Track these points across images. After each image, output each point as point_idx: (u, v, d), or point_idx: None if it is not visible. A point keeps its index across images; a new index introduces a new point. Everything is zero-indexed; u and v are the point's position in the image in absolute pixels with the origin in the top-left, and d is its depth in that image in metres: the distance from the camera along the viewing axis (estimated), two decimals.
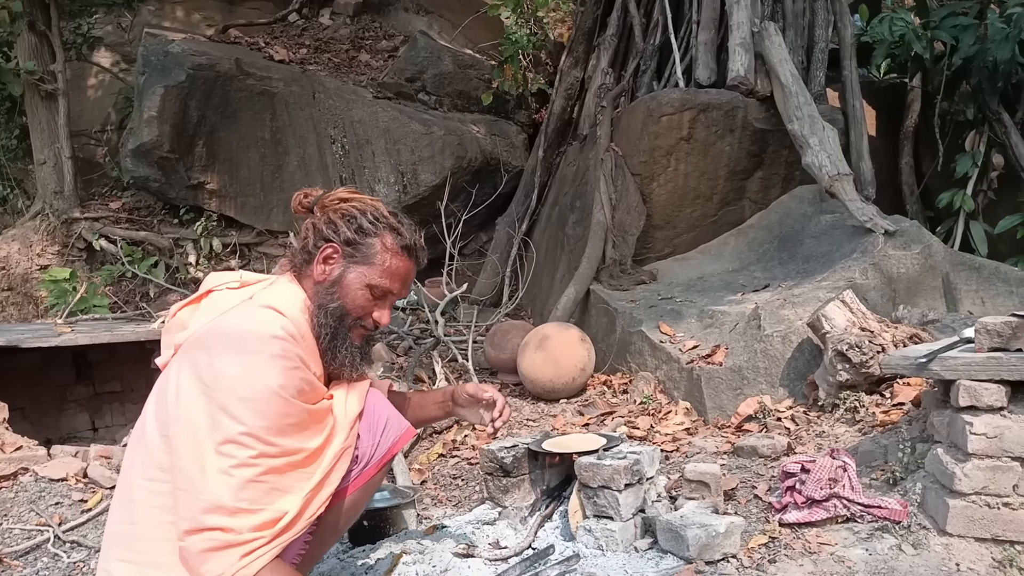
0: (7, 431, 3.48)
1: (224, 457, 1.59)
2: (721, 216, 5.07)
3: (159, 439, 1.67)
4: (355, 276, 1.84)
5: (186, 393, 1.65)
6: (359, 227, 1.86)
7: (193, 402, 1.63)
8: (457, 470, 3.21)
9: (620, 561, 2.24)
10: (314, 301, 1.85)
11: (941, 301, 3.83)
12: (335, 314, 1.83)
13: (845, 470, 2.35)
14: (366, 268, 1.85)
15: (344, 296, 1.84)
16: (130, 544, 1.67)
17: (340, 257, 1.84)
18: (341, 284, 1.84)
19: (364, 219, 1.87)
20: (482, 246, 6.50)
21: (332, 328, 1.83)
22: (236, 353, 1.65)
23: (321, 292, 1.84)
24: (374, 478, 1.96)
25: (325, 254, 1.84)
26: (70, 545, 2.66)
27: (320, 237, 1.86)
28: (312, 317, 1.84)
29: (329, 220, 1.87)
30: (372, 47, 7.35)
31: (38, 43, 6.54)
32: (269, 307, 1.76)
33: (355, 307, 1.85)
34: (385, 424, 1.94)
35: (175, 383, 1.68)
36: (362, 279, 1.84)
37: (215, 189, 6.28)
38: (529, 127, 6.90)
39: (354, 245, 1.85)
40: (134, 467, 1.73)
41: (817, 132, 4.44)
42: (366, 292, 1.85)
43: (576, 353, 3.94)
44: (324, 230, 1.86)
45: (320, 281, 1.84)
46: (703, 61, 5.09)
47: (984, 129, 5.50)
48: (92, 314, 5.28)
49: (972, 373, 2.19)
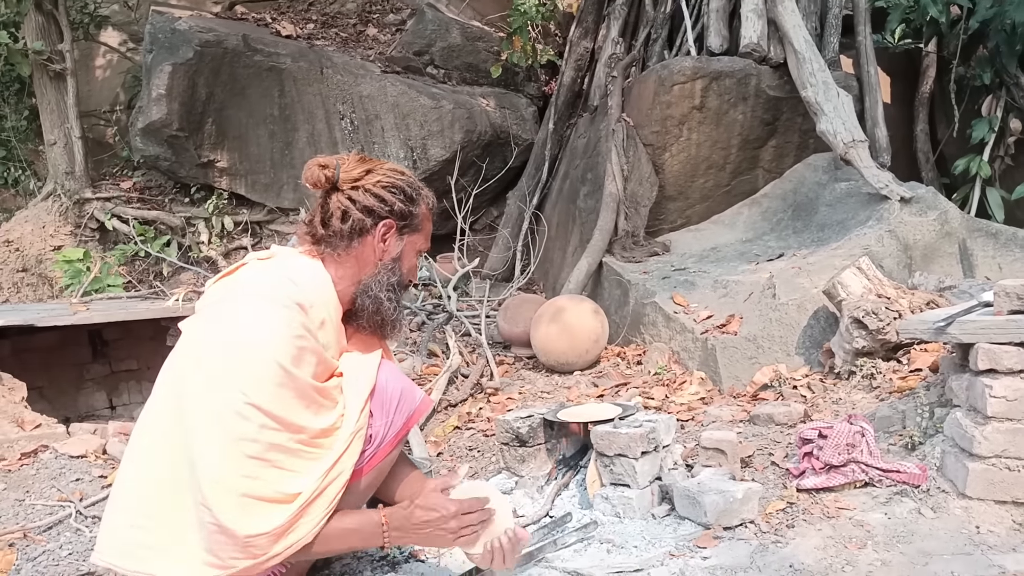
0: (26, 409, 3.52)
1: (225, 429, 1.59)
2: (734, 186, 5.03)
3: (169, 413, 1.69)
4: (410, 245, 1.87)
5: (192, 369, 1.66)
6: (407, 197, 1.84)
7: (199, 379, 1.63)
8: (473, 442, 3.22)
9: (638, 528, 2.25)
10: (364, 278, 1.83)
11: (958, 267, 3.80)
12: (400, 286, 1.86)
13: (863, 435, 2.34)
14: (416, 236, 1.88)
15: (404, 266, 1.87)
16: (143, 511, 1.68)
17: (395, 231, 1.83)
18: (402, 257, 1.86)
19: (409, 189, 1.85)
20: (493, 221, 6.47)
21: (395, 300, 1.84)
22: (241, 325, 1.65)
23: (382, 269, 1.83)
24: (389, 456, 1.90)
25: (382, 232, 1.82)
26: (91, 520, 2.69)
27: (368, 214, 1.80)
28: (356, 295, 1.83)
29: (372, 194, 1.81)
30: (379, 21, 7.29)
31: (45, 23, 6.52)
32: (285, 277, 1.74)
33: (410, 273, 1.89)
34: (399, 399, 1.88)
35: (182, 358, 1.70)
36: (414, 247, 1.88)
37: (225, 167, 6.27)
38: (539, 99, 6.85)
39: (407, 217, 1.84)
40: (145, 438, 1.73)
41: (831, 99, 4.38)
42: (415, 258, 1.90)
43: (590, 325, 3.93)
44: (372, 206, 1.80)
45: (379, 259, 1.83)
46: (715, 28, 5.02)
47: (1001, 94, 5.42)
48: (106, 293, 5.31)
49: (991, 336, 2.17)
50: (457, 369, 3.89)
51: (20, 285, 6.26)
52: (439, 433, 3.39)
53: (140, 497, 1.69)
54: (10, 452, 3.19)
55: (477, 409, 3.56)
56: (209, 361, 1.65)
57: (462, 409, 3.59)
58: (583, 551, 2.16)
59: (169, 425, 1.68)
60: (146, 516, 1.67)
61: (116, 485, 1.77)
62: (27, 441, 3.26)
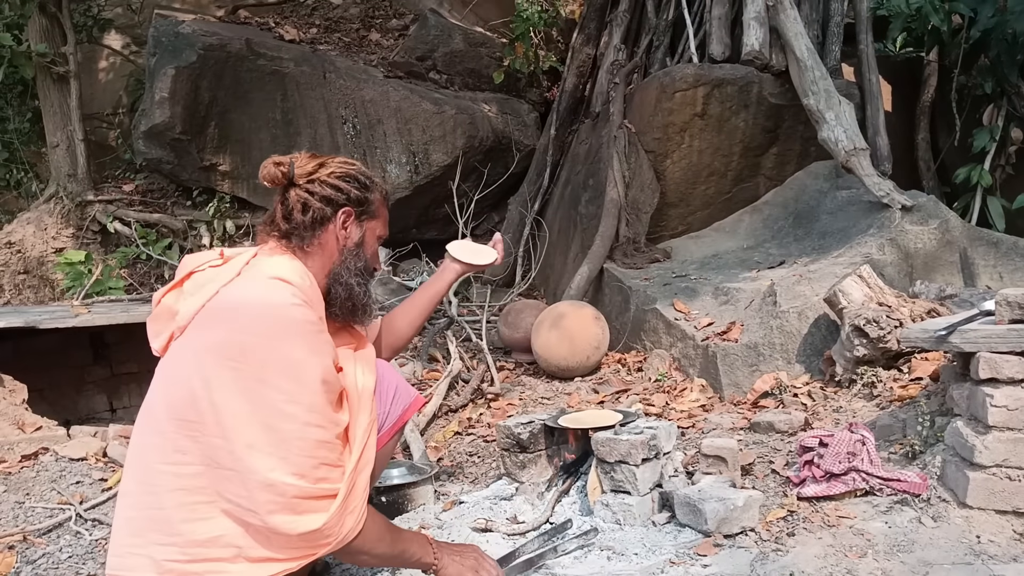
0: (27, 412, 3.52)
1: (271, 431, 1.59)
2: (736, 193, 5.04)
3: (175, 423, 1.65)
4: (370, 231, 1.95)
5: (215, 374, 1.63)
6: (361, 184, 1.92)
7: (225, 382, 1.61)
8: (473, 447, 3.22)
9: (638, 535, 2.25)
10: (332, 267, 1.88)
11: (959, 276, 3.81)
12: (365, 271, 1.91)
13: (864, 443, 2.34)
14: (375, 222, 1.96)
15: (367, 252, 1.94)
16: (167, 528, 1.63)
17: (354, 219, 1.91)
18: (364, 243, 1.93)
19: (361, 177, 1.93)
20: (494, 226, 6.48)
21: (364, 285, 1.89)
22: (259, 325, 1.65)
23: (347, 256, 1.89)
24: (387, 446, 1.94)
25: (342, 219, 1.88)
26: (92, 523, 2.69)
27: (327, 204, 1.86)
28: (328, 284, 1.87)
29: (328, 185, 1.87)
30: (382, 26, 7.31)
31: (49, 25, 6.53)
32: (275, 278, 1.74)
33: (374, 259, 1.97)
34: (395, 392, 1.94)
35: (195, 367, 1.66)
36: (374, 233, 1.96)
37: (227, 170, 6.28)
38: (541, 105, 6.86)
39: (364, 203, 1.92)
40: (149, 453, 1.69)
41: (833, 107, 4.39)
42: (376, 244, 1.98)
43: (590, 331, 3.93)
44: (331, 196, 1.86)
45: (343, 246, 1.89)
46: (717, 36, 5.04)
47: (1002, 103, 5.43)
48: (108, 296, 5.31)
49: (992, 345, 2.17)
50: (458, 374, 3.89)
51: (22, 287, 6.26)
52: (439, 438, 3.39)
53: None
54: (10, 454, 3.19)
55: (478, 414, 3.56)
56: (237, 365, 1.63)
57: (463, 414, 3.59)
58: (583, 558, 2.16)
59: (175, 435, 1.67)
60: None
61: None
62: (27, 443, 3.26)
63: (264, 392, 1.61)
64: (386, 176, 6.15)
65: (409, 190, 6.17)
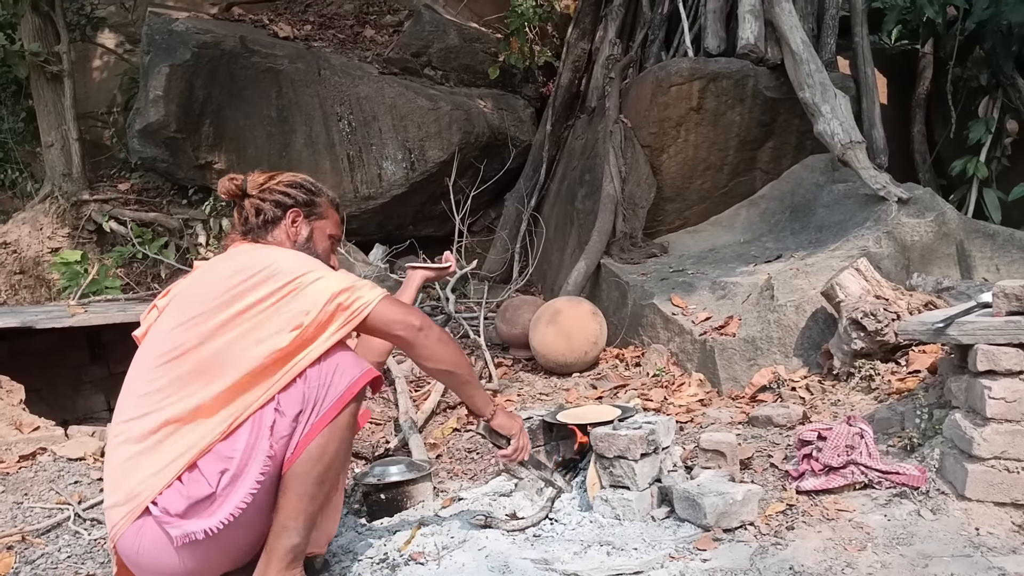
0: (24, 412, 3.50)
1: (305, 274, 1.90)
2: (732, 187, 5.04)
3: (180, 332, 1.86)
4: (319, 230, 2.18)
5: (202, 313, 1.86)
6: (307, 190, 2.18)
7: (246, 267, 1.90)
8: (472, 443, 3.22)
9: (637, 530, 2.25)
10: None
11: (955, 269, 3.81)
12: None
13: (862, 437, 2.35)
14: (323, 222, 2.20)
15: (317, 246, 2.16)
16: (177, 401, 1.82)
17: (303, 218, 2.15)
18: (312, 239, 2.16)
19: (307, 184, 2.20)
20: (491, 222, 6.47)
21: None
22: (232, 265, 1.93)
23: (298, 248, 2.09)
24: (336, 420, 1.87)
25: (291, 218, 2.13)
26: (90, 523, 2.68)
27: (277, 207, 2.12)
28: None
29: (277, 192, 2.13)
30: (377, 22, 7.28)
31: (42, 24, 6.50)
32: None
33: (325, 255, 2.17)
34: (336, 366, 1.90)
35: (176, 318, 1.89)
36: (323, 231, 2.19)
37: (223, 168, 6.25)
38: (536, 101, 6.85)
39: (311, 206, 2.17)
40: (149, 373, 1.87)
41: (829, 100, 4.39)
42: (327, 241, 2.20)
43: (588, 327, 3.93)
44: (280, 200, 2.12)
45: (294, 240, 2.13)
46: (712, 29, 5.03)
47: (998, 95, 5.44)
48: (104, 295, 5.30)
49: (990, 337, 2.17)
50: None
51: (18, 287, 6.25)
52: (438, 435, 3.38)
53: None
54: (8, 455, 3.18)
55: None
56: (219, 302, 1.87)
57: (461, 411, 3.58)
58: (583, 554, 2.16)
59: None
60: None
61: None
62: (25, 444, 3.25)
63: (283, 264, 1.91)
64: (382, 173, 6.14)
65: (405, 187, 6.16)
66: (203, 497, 1.76)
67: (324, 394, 1.86)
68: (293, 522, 1.84)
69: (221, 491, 1.76)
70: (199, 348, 1.84)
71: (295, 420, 1.83)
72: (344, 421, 1.89)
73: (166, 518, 1.74)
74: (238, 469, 1.78)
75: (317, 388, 1.86)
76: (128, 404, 1.88)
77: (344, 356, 1.92)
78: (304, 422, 1.85)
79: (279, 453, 1.83)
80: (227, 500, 1.77)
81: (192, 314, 1.87)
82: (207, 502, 1.76)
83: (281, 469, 1.84)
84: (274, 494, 1.85)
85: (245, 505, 1.77)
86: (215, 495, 1.76)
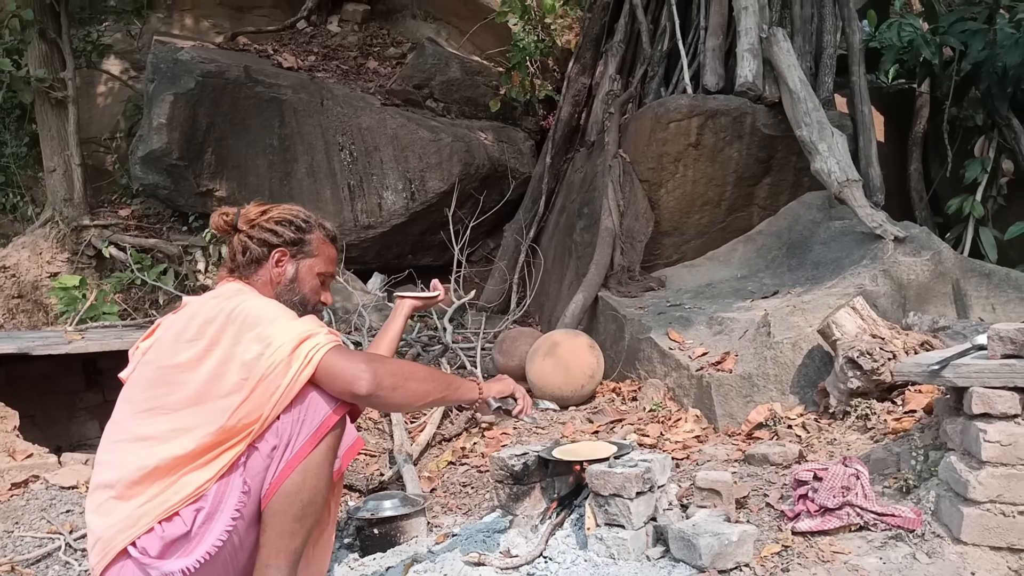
0: (18, 439, 3.49)
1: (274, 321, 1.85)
2: (729, 222, 5.06)
3: (159, 385, 1.85)
4: (306, 269, 2.12)
5: (183, 351, 1.84)
6: (297, 227, 2.12)
7: (220, 319, 1.85)
8: (467, 478, 3.20)
9: (632, 570, 2.23)
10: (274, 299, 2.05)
11: (951, 308, 3.82)
12: (303, 305, 2.08)
13: (858, 478, 2.34)
14: (312, 260, 2.14)
15: (302, 287, 2.11)
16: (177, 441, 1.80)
17: (289, 257, 2.11)
18: (297, 279, 2.11)
19: (298, 221, 2.13)
20: (490, 253, 6.50)
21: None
22: (215, 306, 1.89)
23: (281, 291, 2.08)
24: (312, 456, 1.84)
25: (276, 258, 2.09)
26: (81, 553, 2.66)
27: (263, 246, 2.08)
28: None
29: (265, 230, 2.09)
30: (380, 54, 7.37)
31: (48, 51, 6.57)
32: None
33: (312, 294, 2.13)
34: (307, 403, 1.86)
35: (158, 355, 1.89)
36: (312, 270, 2.13)
37: (224, 196, 6.29)
38: (537, 134, 6.91)
39: (298, 244, 2.12)
40: (127, 422, 1.87)
41: (826, 138, 4.43)
42: (316, 280, 2.14)
43: (585, 360, 3.93)
44: (266, 239, 2.08)
45: (277, 282, 2.09)
46: (711, 67, 5.09)
47: (993, 135, 5.49)
48: (102, 321, 5.30)
49: (985, 380, 2.17)
50: None
51: (15, 311, 6.25)
52: (433, 468, 3.37)
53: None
54: (0, 482, 3.16)
55: (471, 443, 3.55)
56: (199, 336, 1.86)
57: (456, 443, 3.58)
58: None
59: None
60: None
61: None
62: (18, 471, 3.24)
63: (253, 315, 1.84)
64: (382, 203, 6.17)
65: (405, 217, 6.19)
66: (179, 536, 1.75)
67: (298, 429, 1.83)
68: (275, 560, 1.81)
69: (196, 530, 1.75)
70: (172, 401, 1.84)
71: (269, 455, 1.81)
72: (319, 457, 1.86)
73: (145, 559, 1.73)
74: (212, 507, 1.77)
75: (291, 424, 1.83)
76: (106, 447, 1.90)
77: (316, 392, 1.88)
78: (278, 458, 1.82)
79: (254, 488, 1.81)
80: (203, 539, 1.76)
81: (166, 364, 1.87)
82: (183, 541, 1.75)
83: (260, 505, 1.82)
84: (255, 530, 1.83)
85: (221, 543, 1.76)
86: (191, 534, 1.75)
